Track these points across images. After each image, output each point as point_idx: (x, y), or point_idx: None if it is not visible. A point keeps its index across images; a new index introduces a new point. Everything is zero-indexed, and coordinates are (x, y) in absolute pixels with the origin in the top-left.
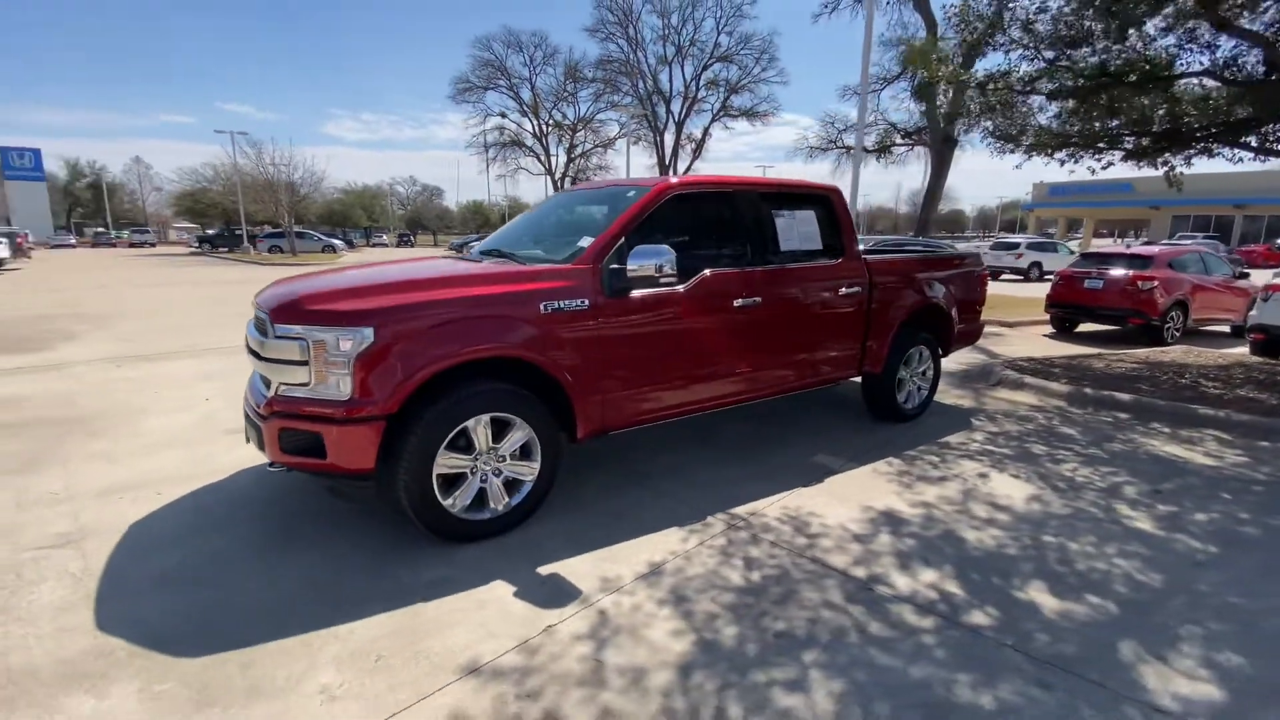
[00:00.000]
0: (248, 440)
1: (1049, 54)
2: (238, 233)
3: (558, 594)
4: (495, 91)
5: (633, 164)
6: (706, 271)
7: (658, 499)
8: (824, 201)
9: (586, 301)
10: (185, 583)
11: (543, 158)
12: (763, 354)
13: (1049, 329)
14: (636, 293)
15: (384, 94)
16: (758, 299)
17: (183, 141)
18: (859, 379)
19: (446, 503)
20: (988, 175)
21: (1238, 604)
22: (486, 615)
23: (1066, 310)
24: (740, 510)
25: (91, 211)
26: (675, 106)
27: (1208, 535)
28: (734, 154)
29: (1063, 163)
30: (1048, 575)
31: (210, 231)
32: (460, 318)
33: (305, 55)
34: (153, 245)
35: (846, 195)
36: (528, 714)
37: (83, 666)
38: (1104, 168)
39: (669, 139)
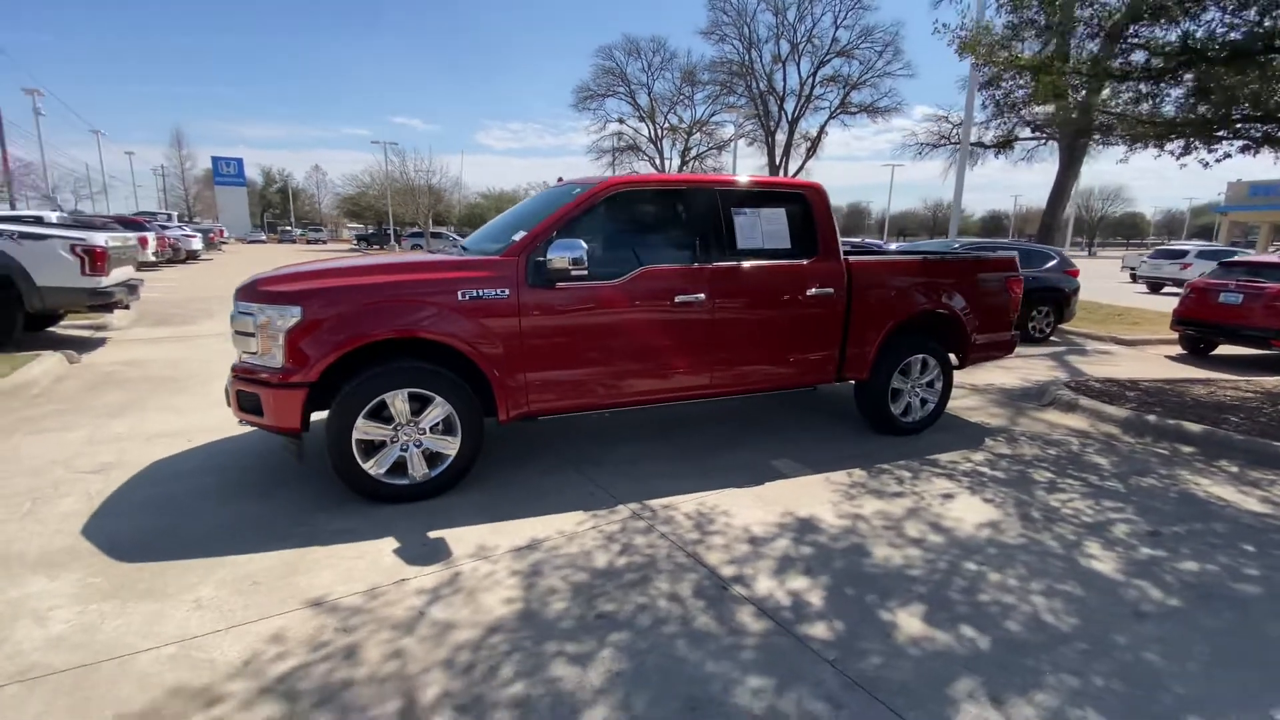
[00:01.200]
0: (228, 402)
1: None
2: (387, 231)
3: (431, 554)
4: (615, 98)
5: (746, 165)
6: (645, 267)
7: (584, 484)
8: (799, 200)
9: (507, 291)
10: (160, 509)
11: (657, 161)
12: (711, 352)
13: (1178, 349)
14: (565, 285)
15: (529, 104)
16: (701, 296)
17: (360, 151)
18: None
19: (366, 465)
20: (1176, 174)
21: (1151, 664)
22: (359, 564)
23: (1197, 328)
24: (655, 502)
25: (280, 212)
26: (790, 105)
27: (1180, 588)
28: (872, 152)
29: (1177, 155)
30: (935, 601)
31: (369, 231)
32: (376, 302)
33: (462, 71)
34: (324, 242)
35: (940, 193)
36: (335, 643)
37: (55, 558)
38: (1219, 160)
39: (782, 138)
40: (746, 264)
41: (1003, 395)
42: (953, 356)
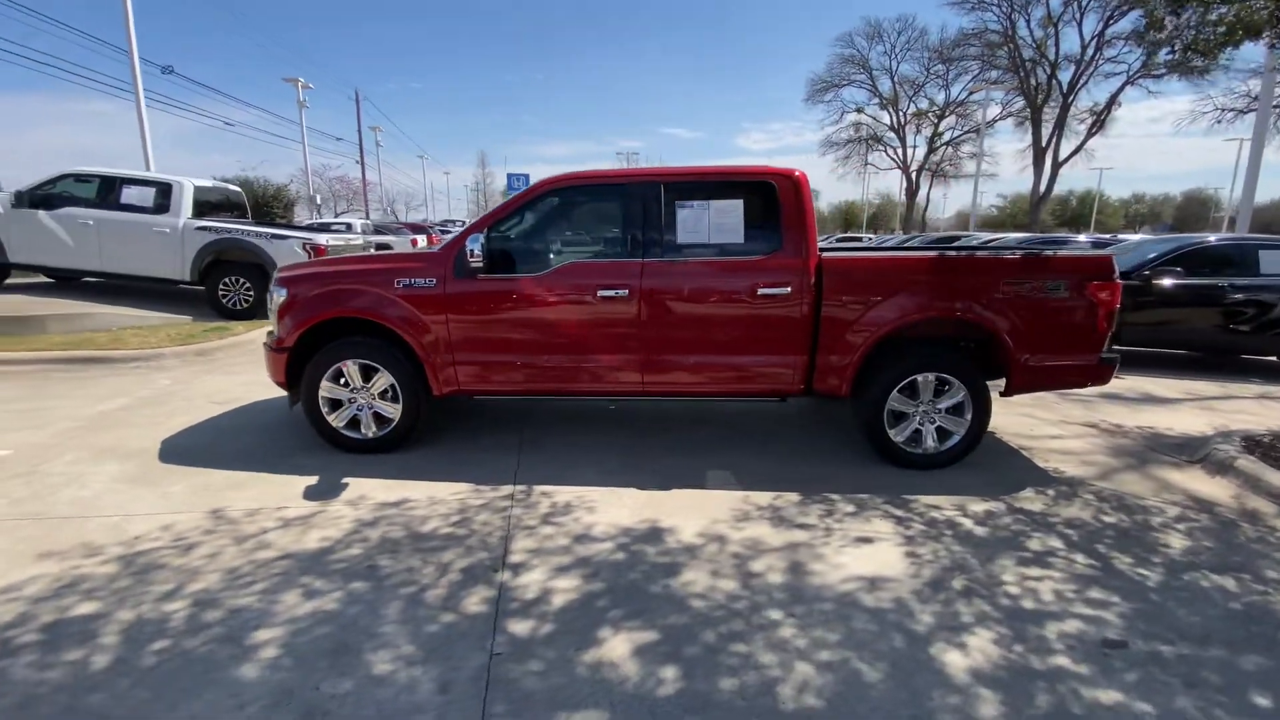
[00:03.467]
0: None
1: None
2: None
3: (323, 494)
4: (852, 86)
5: (1009, 148)
6: (570, 262)
7: (499, 460)
8: (763, 190)
9: (435, 281)
10: (218, 433)
11: (900, 152)
12: (642, 350)
13: None
14: (487, 277)
15: (784, 105)
16: (625, 291)
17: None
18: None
19: (330, 418)
20: None
21: None
22: (273, 490)
23: None
24: (542, 488)
25: None
26: (1066, 76)
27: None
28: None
29: None
30: (673, 638)
31: None
32: (333, 289)
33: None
34: None
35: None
36: (189, 538)
37: (129, 452)
38: None
39: (1053, 114)
40: (683, 260)
41: (1142, 441)
42: (1001, 381)
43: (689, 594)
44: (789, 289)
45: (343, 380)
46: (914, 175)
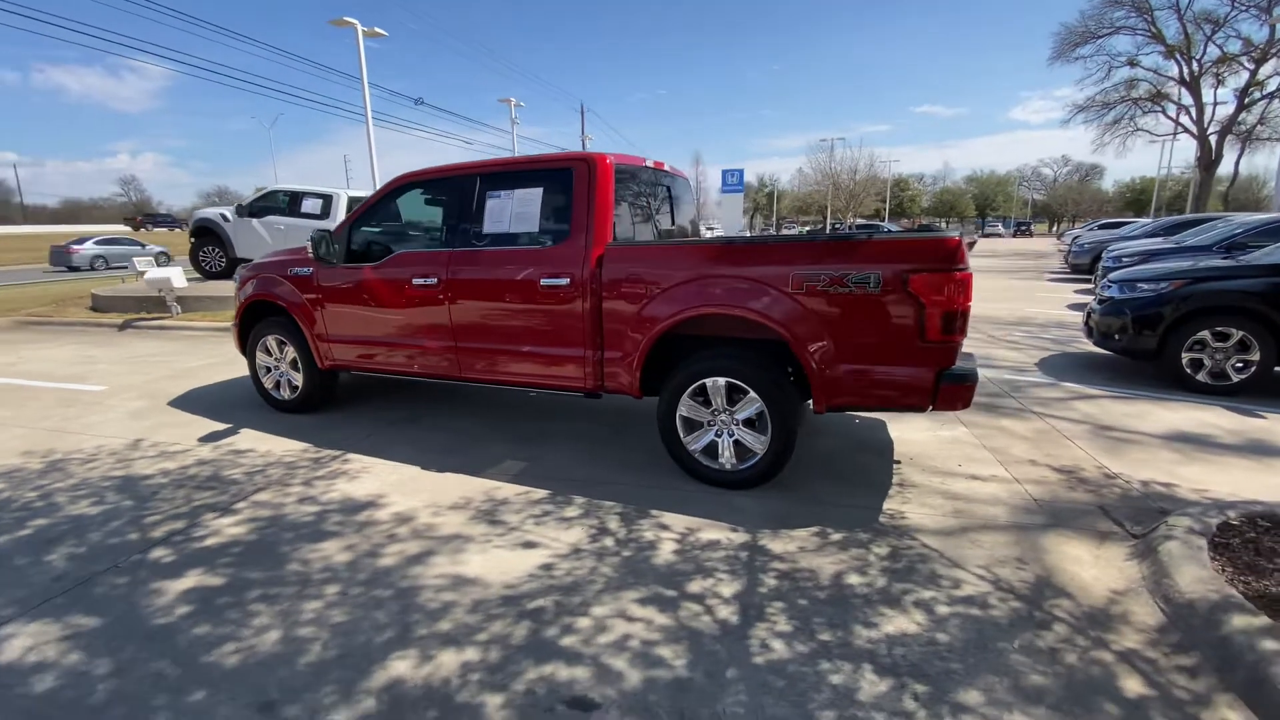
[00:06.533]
0: None
1: None
2: (824, 225)
3: (207, 439)
4: (1120, 34)
5: None
6: (399, 252)
7: (354, 429)
8: (562, 177)
9: (310, 270)
10: (224, 390)
11: (1193, 113)
12: (452, 338)
13: None
14: (344, 266)
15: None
16: (434, 280)
17: (879, 147)
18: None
19: (262, 381)
20: None
21: None
22: (189, 430)
23: None
24: (352, 455)
25: (767, 213)
26: None
27: None
28: None
29: None
30: (244, 570)
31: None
32: (262, 275)
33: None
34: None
35: None
36: (88, 456)
37: (175, 392)
38: None
39: None
40: (484, 250)
41: (1105, 499)
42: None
43: (307, 558)
44: (568, 280)
45: (268, 349)
46: (1214, 141)
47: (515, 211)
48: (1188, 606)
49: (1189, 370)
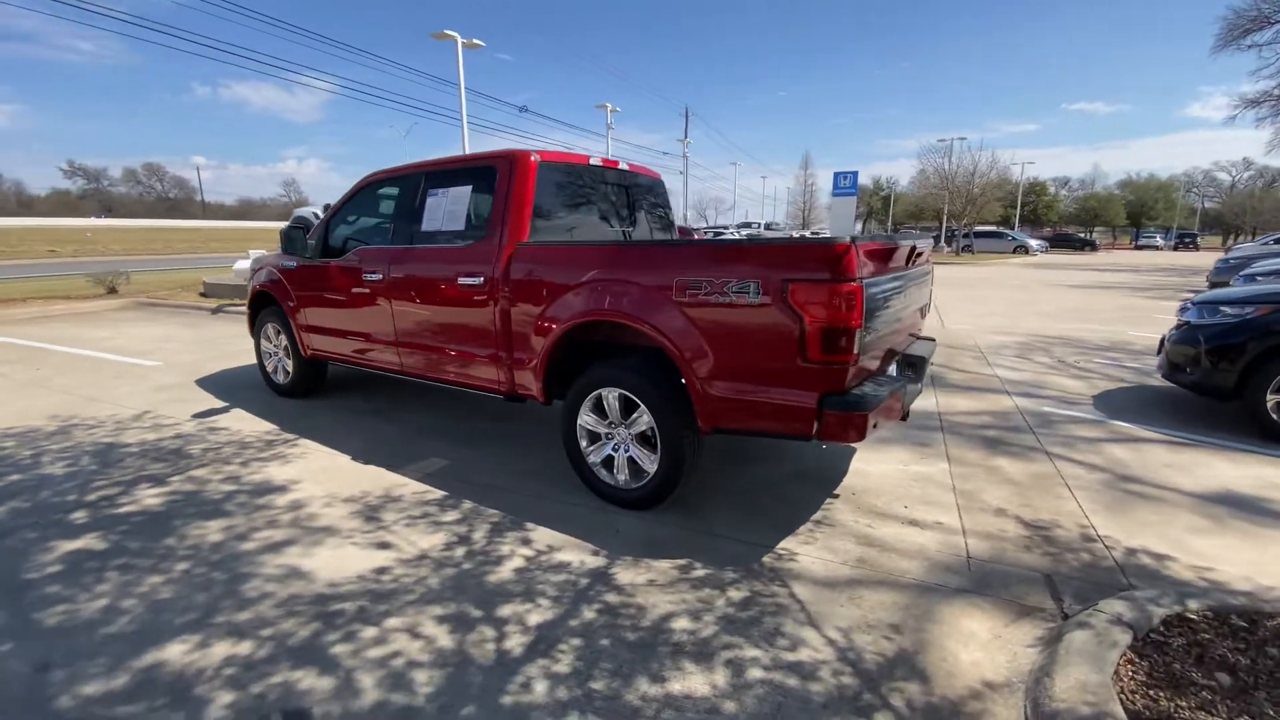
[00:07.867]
0: None
1: None
2: (936, 232)
3: (198, 415)
4: None
5: None
6: (358, 249)
7: (323, 418)
8: (487, 174)
9: (295, 264)
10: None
11: None
12: (393, 331)
13: None
14: (315, 261)
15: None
16: (379, 275)
17: (1024, 148)
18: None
19: (265, 365)
20: None
21: None
22: (187, 407)
23: None
24: (301, 440)
25: (881, 216)
26: None
27: None
28: None
29: None
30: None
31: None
32: (264, 266)
33: (1165, 33)
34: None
35: None
36: (97, 423)
37: (203, 371)
38: None
39: None
40: (416, 247)
41: (1043, 563)
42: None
43: (186, 534)
44: (481, 279)
45: (268, 336)
46: None
47: (447, 209)
48: (1051, 719)
49: (1275, 416)
